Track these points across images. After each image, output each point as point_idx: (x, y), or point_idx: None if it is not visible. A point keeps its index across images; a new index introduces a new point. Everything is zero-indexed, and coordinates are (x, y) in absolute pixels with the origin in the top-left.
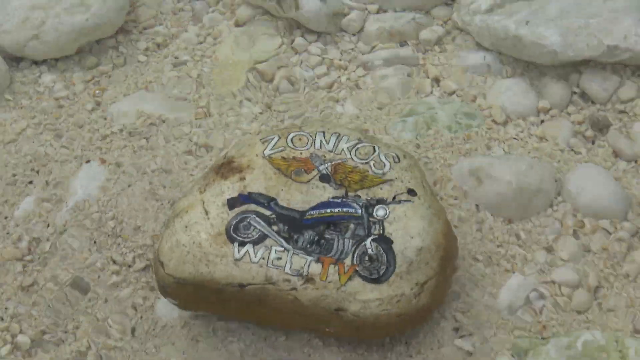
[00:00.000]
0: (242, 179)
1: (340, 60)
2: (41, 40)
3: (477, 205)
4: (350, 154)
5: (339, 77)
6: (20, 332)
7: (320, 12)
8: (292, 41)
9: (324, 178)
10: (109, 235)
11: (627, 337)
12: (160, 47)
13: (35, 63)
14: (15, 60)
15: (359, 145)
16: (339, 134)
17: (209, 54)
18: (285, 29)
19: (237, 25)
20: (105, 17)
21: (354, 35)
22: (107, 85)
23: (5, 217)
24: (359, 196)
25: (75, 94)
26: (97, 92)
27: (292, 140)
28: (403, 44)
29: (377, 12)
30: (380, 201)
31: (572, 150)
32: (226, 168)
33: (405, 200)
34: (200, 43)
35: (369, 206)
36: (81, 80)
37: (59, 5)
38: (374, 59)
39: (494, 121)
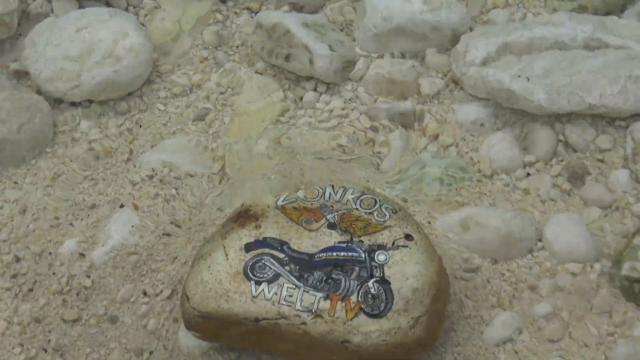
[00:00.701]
0: (258, 227)
1: (346, 113)
2: (80, 89)
3: (465, 250)
4: (355, 204)
5: (345, 130)
6: None
7: (330, 67)
8: (304, 93)
9: (331, 226)
10: (140, 271)
11: None
12: (184, 95)
13: (74, 105)
14: (57, 101)
15: (362, 197)
16: (345, 187)
17: (229, 103)
18: (298, 80)
19: (252, 73)
20: (135, 69)
21: (356, 82)
22: (137, 133)
23: (50, 253)
24: (362, 241)
25: (109, 139)
26: (128, 140)
27: (302, 192)
28: (403, 98)
29: (378, 57)
30: (381, 247)
31: (552, 200)
32: (243, 217)
33: (403, 246)
34: (222, 93)
35: (371, 251)
36: (115, 125)
37: (90, 59)
38: (377, 114)
39: (483, 175)
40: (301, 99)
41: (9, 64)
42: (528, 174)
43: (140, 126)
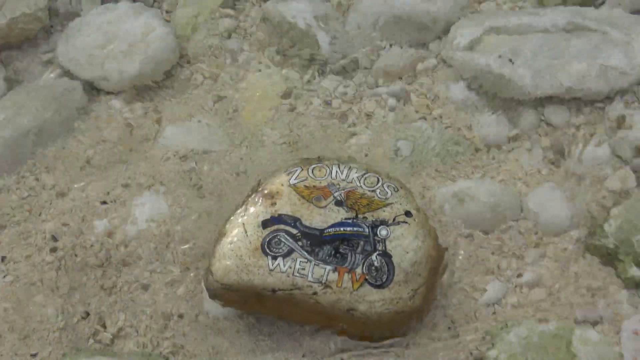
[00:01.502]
0: (273, 204)
1: (352, 94)
2: (107, 80)
3: (458, 222)
4: (360, 182)
5: (349, 110)
6: (104, 329)
7: (334, 52)
8: (311, 78)
9: (338, 203)
10: (168, 246)
11: (574, 326)
12: (203, 81)
13: (104, 92)
14: (88, 89)
15: (366, 176)
16: (350, 166)
17: (243, 89)
18: (305, 66)
19: (263, 62)
20: (161, 60)
21: (365, 69)
22: (161, 116)
23: (83, 233)
24: (366, 218)
25: (136, 123)
26: (153, 122)
27: (312, 171)
28: (400, 81)
29: (380, 47)
30: (383, 222)
31: (537, 172)
32: (260, 195)
33: (402, 222)
34: (236, 80)
35: (374, 227)
36: (141, 110)
37: (117, 48)
38: (377, 95)
39: (475, 149)
40: (309, 83)
41: (44, 56)
42: (513, 148)
43: (165, 111)
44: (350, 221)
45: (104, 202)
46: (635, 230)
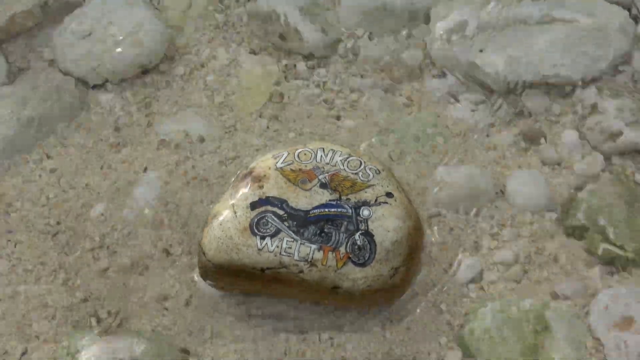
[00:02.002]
0: (261, 187)
1: (337, 83)
2: (99, 72)
3: (437, 204)
4: (343, 165)
5: (334, 99)
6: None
7: (319, 42)
8: (298, 68)
9: (323, 185)
10: (163, 230)
11: (549, 301)
12: (194, 71)
13: (97, 84)
14: (82, 81)
15: (349, 159)
16: (334, 150)
17: (232, 79)
18: (292, 56)
19: (252, 53)
20: (152, 51)
21: (350, 59)
22: (153, 106)
23: (84, 219)
24: (349, 199)
25: (130, 113)
26: (146, 111)
27: (298, 155)
28: (383, 70)
29: (364, 37)
30: (365, 203)
31: (512, 157)
32: (248, 178)
33: (384, 202)
34: (226, 70)
35: (356, 207)
36: (134, 101)
37: (109, 42)
38: (361, 85)
39: (454, 135)
40: (296, 72)
41: (38, 49)
42: (490, 134)
43: (158, 100)
44: (334, 202)
45: (99, 193)
46: (603, 210)
